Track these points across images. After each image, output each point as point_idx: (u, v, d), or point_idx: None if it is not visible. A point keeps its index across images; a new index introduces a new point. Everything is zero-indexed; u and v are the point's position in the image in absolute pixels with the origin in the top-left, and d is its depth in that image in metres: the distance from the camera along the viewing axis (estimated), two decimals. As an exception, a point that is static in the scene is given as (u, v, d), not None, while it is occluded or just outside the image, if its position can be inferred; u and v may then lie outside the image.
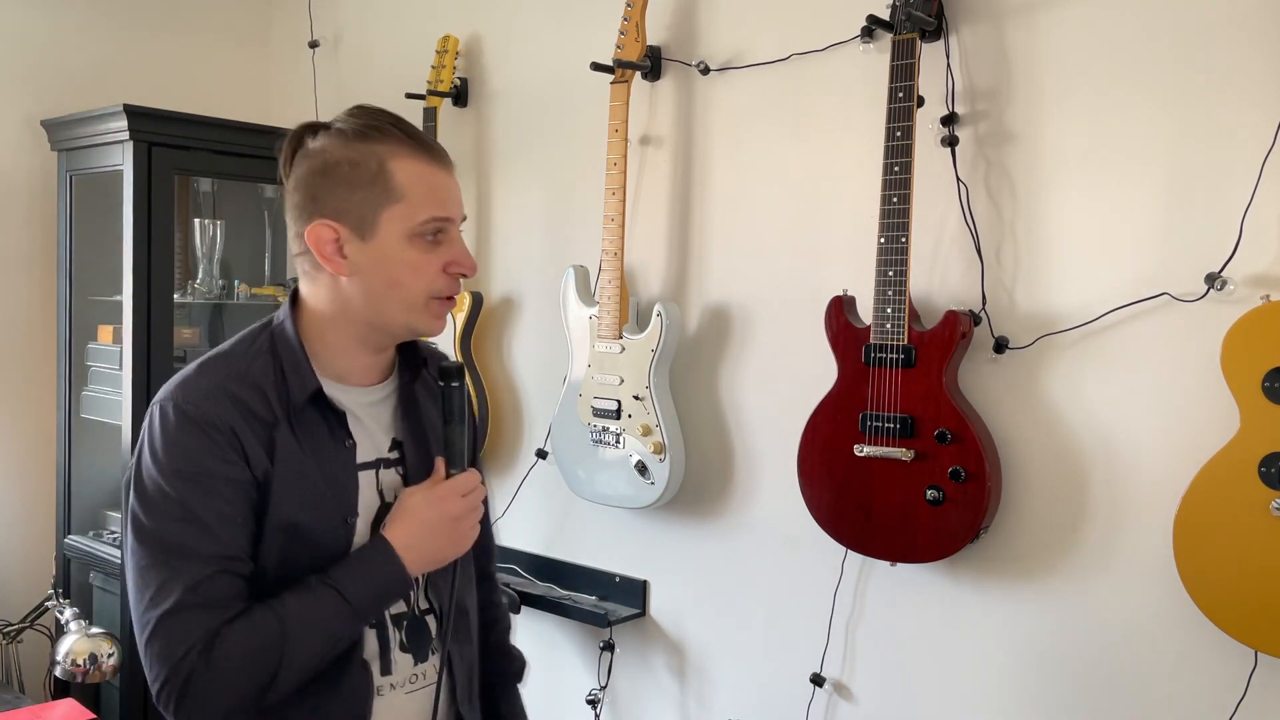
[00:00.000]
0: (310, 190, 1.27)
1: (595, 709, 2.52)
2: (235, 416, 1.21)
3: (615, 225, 2.31)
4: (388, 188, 1.25)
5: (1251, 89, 1.66)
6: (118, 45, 3.15)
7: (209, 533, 1.18)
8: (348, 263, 1.26)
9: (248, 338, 1.32)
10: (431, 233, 1.27)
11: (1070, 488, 1.86)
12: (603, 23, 2.43)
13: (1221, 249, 1.68)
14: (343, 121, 1.29)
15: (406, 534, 1.27)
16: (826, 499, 2.02)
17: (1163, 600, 1.75)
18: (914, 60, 1.85)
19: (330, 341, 1.31)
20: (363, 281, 1.27)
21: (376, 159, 1.25)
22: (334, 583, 1.22)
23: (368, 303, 1.28)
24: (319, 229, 1.25)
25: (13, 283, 3.00)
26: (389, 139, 1.27)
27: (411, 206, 1.25)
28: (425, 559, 1.29)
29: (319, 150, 1.27)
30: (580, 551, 2.61)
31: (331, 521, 1.27)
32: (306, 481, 1.25)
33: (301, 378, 1.27)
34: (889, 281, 1.89)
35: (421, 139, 1.29)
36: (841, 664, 2.16)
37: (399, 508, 1.29)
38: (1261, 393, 1.58)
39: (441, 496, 1.30)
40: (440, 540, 1.29)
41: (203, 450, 1.19)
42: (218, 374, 1.25)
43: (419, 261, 1.27)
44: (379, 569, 1.25)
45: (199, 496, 1.18)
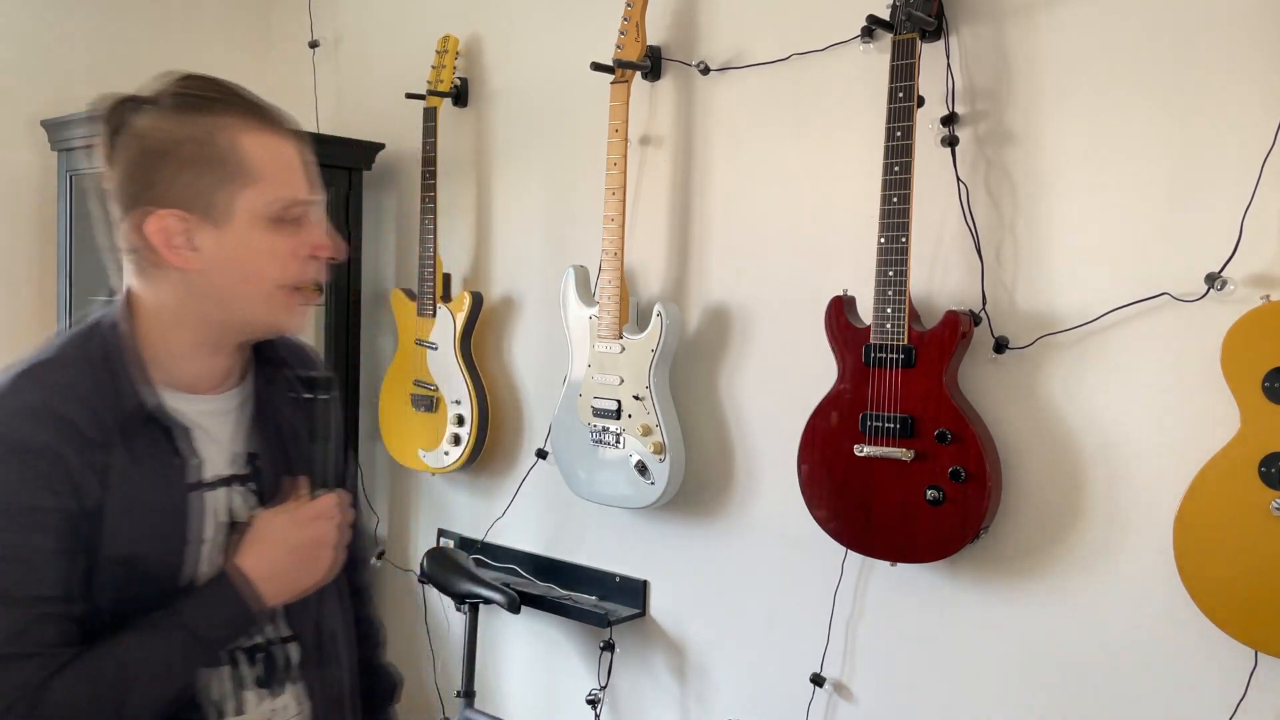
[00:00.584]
0: (145, 176, 1.10)
1: (595, 709, 2.52)
2: (60, 440, 1.05)
3: (615, 225, 2.31)
4: (240, 167, 1.10)
5: (1251, 89, 1.66)
6: (118, 45, 3.15)
7: (32, 573, 1.04)
8: (198, 255, 1.11)
9: (75, 342, 1.15)
10: (292, 216, 1.14)
11: (1070, 488, 1.86)
12: (603, 23, 2.43)
13: (1221, 249, 1.68)
14: (174, 94, 1.12)
15: (263, 562, 1.14)
16: (826, 499, 2.01)
17: (1163, 600, 1.75)
18: (914, 60, 1.85)
19: (173, 346, 1.15)
20: (215, 275, 1.12)
21: (224, 135, 1.10)
22: (183, 619, 1.09)
23: (221, 299, 1.14)
24: (163, 219, 1.10)
25: (13, 283, 3.00)
26: (233, 111, 1.12)
27: (268, 187, 1.12)
28: (284, 588, 1.16)
29: (152, 129, 1.10)
30: (580, 551, 2.61)
31: (172, 551, 1.13)
32: (143, 508, 1.10)
33: (119, 390, 1.11)
34: (889, 281, 1.89)
35: (269, 110, 1.15)
36: (841, 664, 2.16)
37: (254, 533, 1.16)
38: (1261, 393, 1.58)
39: (302, 521, 1.17)
40: (301, 568, 1.17)
41: (22, 481, 1.04)
42: (38, 389, 1.08)
43: (279, 248, 1.14)
44: (232, 602, 1.12)
45: (19, 533, 1.03)
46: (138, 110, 1.12)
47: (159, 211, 1.10)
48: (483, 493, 2.83)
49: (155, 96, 1.12)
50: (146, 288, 1.15)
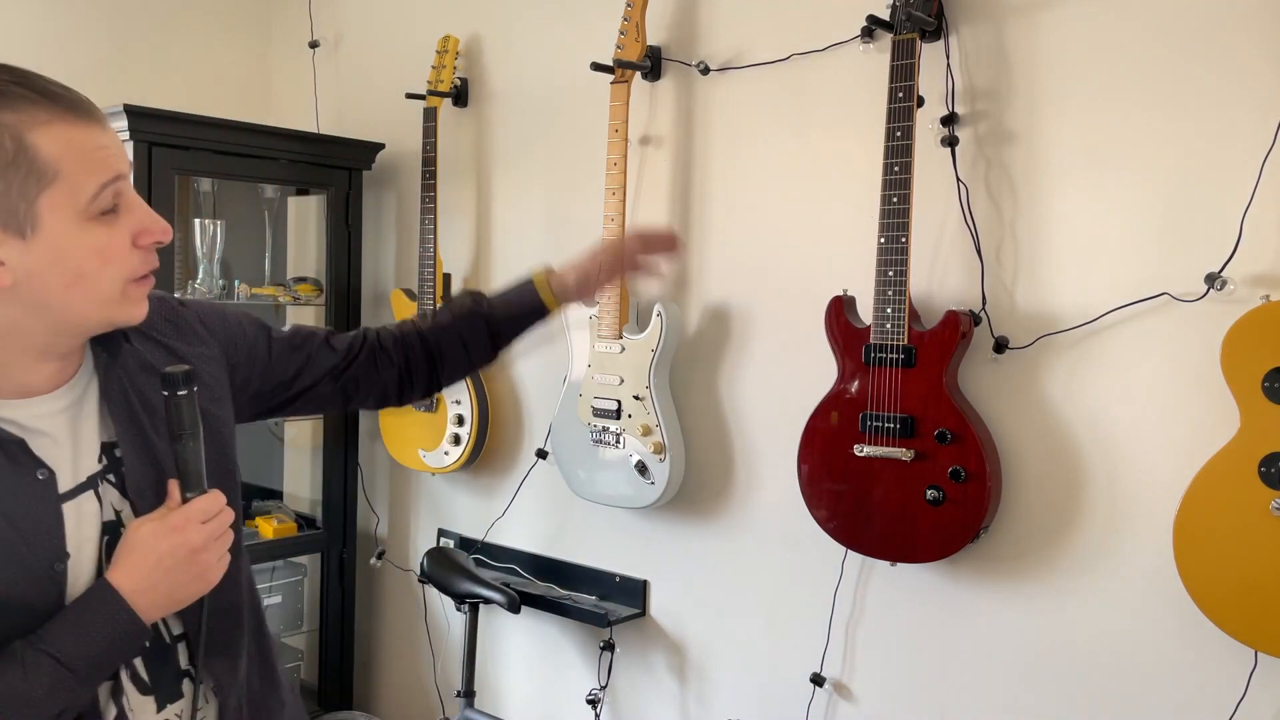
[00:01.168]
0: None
1: (595, 709, 2.52)
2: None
3: (615, 225, 2.31)
4: (35, 167, 0.98)
5: (1251, 89, 1.67)
6: (118, 45, 3.15)
7: None
8: (8, 270, 0.99)
9: None
10: (108, 205, 1.03)
11: (1070, 488, 1.86)
12: (603, 23, 2.43)
13: (1221, 249, 1.68)
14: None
15: (137, 575, 1.05)
16: (826, 499, 2.02)
17: (1163, 600, 1.75)
18: (914, 60, 1.85)
19: (3, 359, 1.05)
20: (35, 286, 1.01)
21: (9, 135, 0.97)
22: (48, 647, 1.00)
23: (48, 307, 1.02)
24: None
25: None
26: (14, 104, 0.98)
27: (73, 182, 1.00)
28: (162, 601, 1.07)
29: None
30: (580, 551, 2.61)
31: (36, 574, 1.03)
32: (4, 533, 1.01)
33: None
34: (889, 281, 1.89)
35: (53, 92, 1.01)
36: (841, 664, 2.16)
37: (125, 544, 1.06)
38: (1261, 393, 1.58)
39: (176, 526, 1.07)
40: (179, 577, 1.07)
41: None
42: None
43: (105, 243, 1.03)
44: (104, 622, 1.02)
45: None
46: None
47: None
48: (483, 493, 2.83)
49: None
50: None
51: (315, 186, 3.07)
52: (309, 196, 3.20)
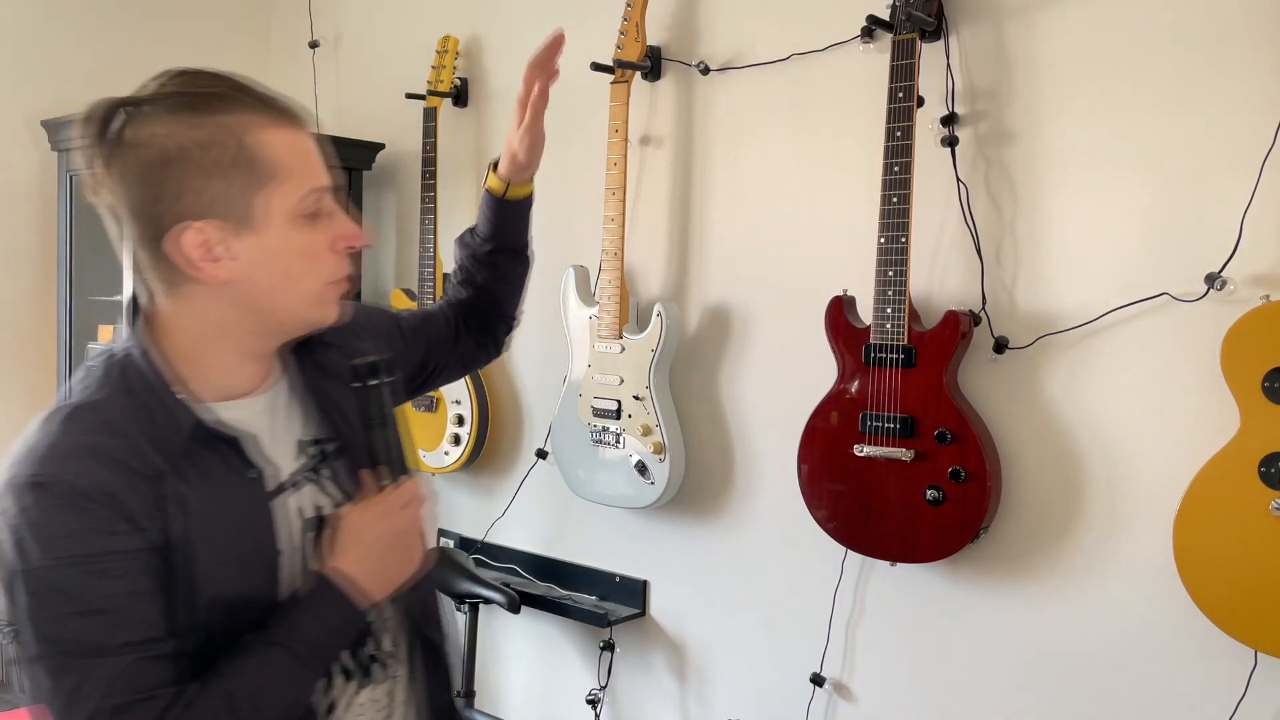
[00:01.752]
0: (153, 189, 1.02)
1: (595, 709, 2.52)
2: (109, 478, 1.00)
3: (615, 225, 2.31)
4: (254, 167, 1.04)
5: (1251, 89, 1.67)
6: (118, 45, 3.15)
7: (117, 620, 0.99)
8: (236, 264, 1.05)
9: (96, 378, 1.08)
10: (313, 209, 1.09)
11: (1070, 488, 1.86)
12: (603, 23, 2.43)
13: (1221, 249, 1.68)
14: (166, 94, 1.04)
15: (353, 562, 1.11)
16: (826, 499, 2.02)
17: (1163, 600, 1.75)
18: (914, 60, 1.85)
19: (211, 360, 1.09)
20: (256, 282, 1.06)
21: (231, 135, 1.03)
22: (279, 639, 1.05)
23: (257, 306, 1.08)
24: (184, 235, 1.02)
25: (13, 283, 3.00)
26: (235, 107, 1.05)
27: (289, 183, 1.06)
28: (383, 584, 1.13)
29: (149, 137, 1.02)
30: (580, 551, 2.61)
31: (255, 571, 1.09)
32: (229, 528, 1.06)
33: (171, 414, 1.05)
34: (889, 281, 1.89)
35: (271, 99, 1.09)
36: (841, 664, 2.16)
37: (343, 532, 1.12)
38: (1261, 393, 1.58)
39: (383, 513, 1.14)
40: (392, 561, 1.14)
41: (83, 528, 0.98)
42: (73, 430, 1.02)
43: (310, 245, 1.08)
44: (328, 610, 1.09)
45: (92, 581, 0.98)
46: (137, 115, 1.03)
47: (194, 224, 1.02)
48: (483, 493, 2.83)
49: (152, 98, 1.04)
50: (174, 305, 1.08)
51: (315, 186, 3.06)
52: (309, 196, 3.20)
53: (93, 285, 2.92)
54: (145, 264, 1.06)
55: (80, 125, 1.04)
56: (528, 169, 1.52)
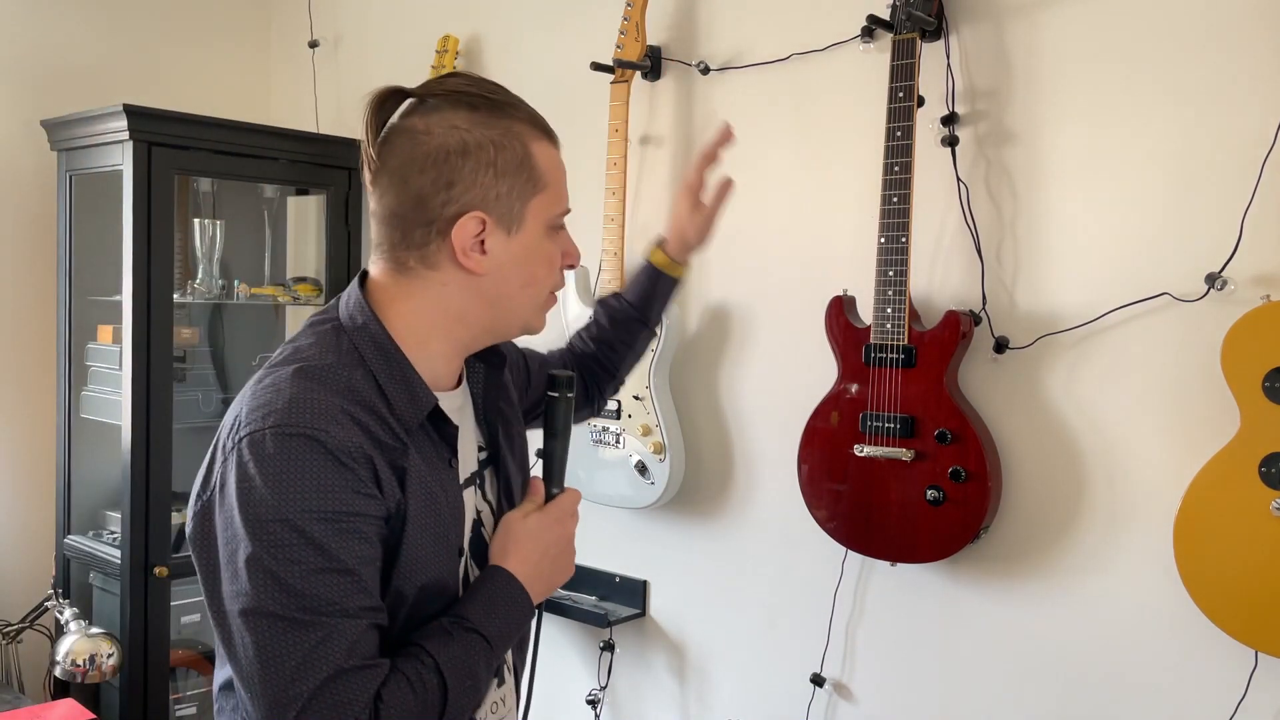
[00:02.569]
0: (448, 175, 1.08)
1: (595, 709, 2.52)
2: (365, 440, 1.02)
3: (615, 225, 2.31)
4: (533, 175, 1.12)
5: (1252, 88, 1.66)
6: (118, 45, 3.15)
7: (358, 583, 1.00)
8: (486, 260, 1.10)
9: (326, 344, 1.09)
10: (560, 224, 1.18)
11: (1070, 488, 1.86)
12: (603, 23, 2.43)
13: (1221, 249, 1.68)
14: (461, 93, 1.11)
15: (528, 562, 1.15)
16: (826, 499, 2.01)
17: (1163, 600, 1.75)
18: (914, 60, 1.85)
19: (434, 348, 1.13)
20: (499, 280, 1.12)
21: (519, 141, 1.11)
22: (475, 625, 1.08)
23: (497, 302, 1.13)
24: (466, 223, 1.08)
25: (13, 283, 3.00)
26: (521, 118, 1.13)
27: (552, 196, 1.15)
28: (545, 588, 1.18)
29: (449, 127, 1.09)
30: (580, 551, 2.58)
31: (449, 557, 1.12)
32: (436, 511, 1.09)
33: (413, 393, 1.08)
34: (889, 281, 1.89)
35: (540, 116, 1.17)
36: (841, 664, 2.16)
37: (510, 533, 1.17)
38: (1262, 393, 1.58)
39: (558, 519, 1.20)
40: (558, 566, 1.20)
41: (342, 485, 0.99)
42: (327, 391, 1.03)
43: (552, 255, 1.17)
44: (510, 605, 1.12)
45: (344, 540, 0.99)
46: (428, 105, 1.11)
47: (478, 214, 1.08)
48: (483, 493, 2.83)
49: (431, 92, 1.11)
50: (413, 289, 1.11)
51: (315, 186, 3.06)
52: (309, 196, 3.20)
53: (93, 285, 2.91)
54: (410, 243, 1.10)
55: (369, 106, 1.10)
56: (696, 250, 1.67)
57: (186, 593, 2.82)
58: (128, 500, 2.62)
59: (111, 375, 2.80)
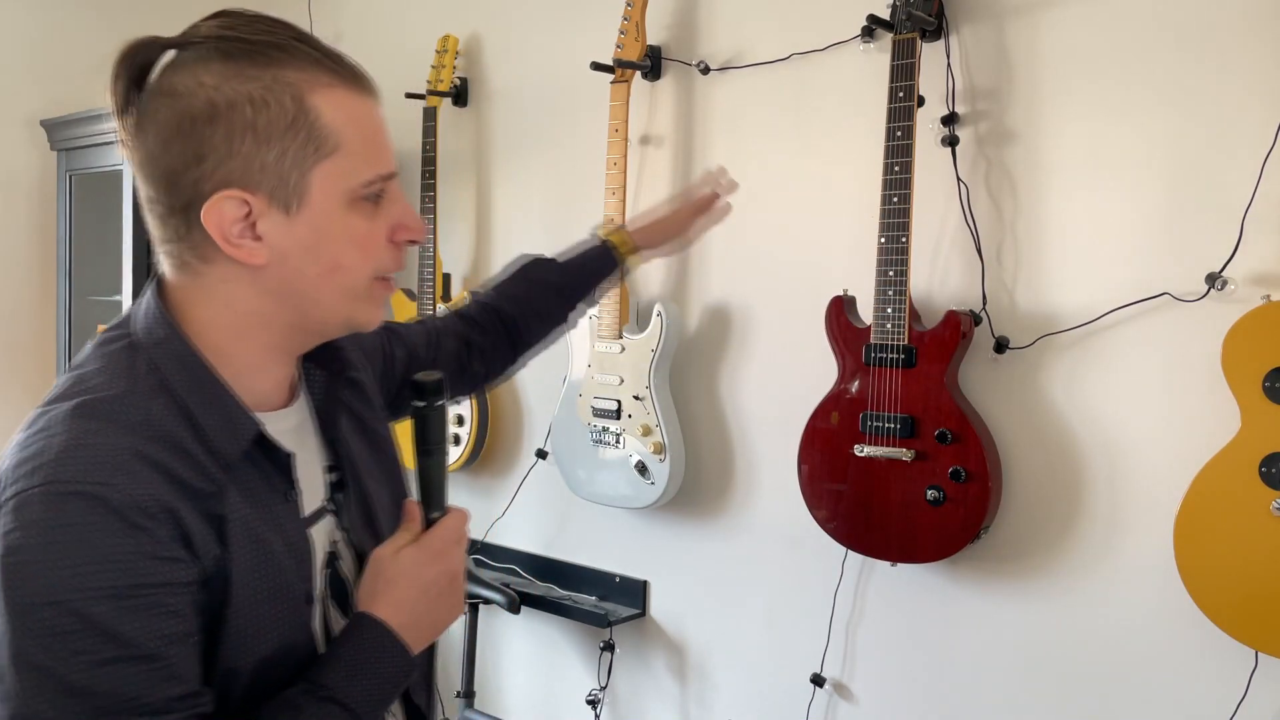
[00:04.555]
0: (194, 147, 0.85)
1: (595, 709, 2.52)
2: (166, 491, 0.81)
3: (615, 226, 2.30)
4: (314, 134, 0.87)
5: (1252, 88, 1.66)
6: (117, 45, 3.14)
7: (164, 669, 0.80)
8: (262, 247, 0.88)
9: (116, 367, 0.88)
10: (375, 193, 0.93)
11: (1071, 488, 1.86)
12: (603, 23, 2.43)
13: (1221, 249, 1.68)
14: (219, 38, 0.87)
15: (404, 608, 0.94)
16: (827, 499, 2.01)
17: (1163, 600, 1.75)
18: (914, 60, 1.85)
19: (238, 357, 0.92)
20: (288, 269, 0.89)
21: (291, 94, 0.86)
22: (333, 693, 0.89)
23: (294, 297, 0.91)
24: (224, 205, 0.86)
25: (13, 283, 3.00)
26: (298, 61, 0.87)
27: (350, 159, 0.90)
28: (426, 633, 0.97)
29: (195, 85, 0.86)
30: (580, 551, 2.61)
31: (294, 610, 0.92)
32: (269, 561, 0.89)
33: (229, 418, 0.88)
34: (889, 281, 1.89)
35: (339, 56, 0.91)
36: (841, 664, 2.16)
37: (380, 573, 0.95)
38: (1262, 393, 1.58)
39: (439, 551, 0.97)
40: (442, 608, 0.98)
41: (133, 551, 0.79)
42: (114, 430, 0.82)
43: (365, 233, 0.92)
44: (379, 661, 0.92)
45: (139, 619, 0.79)
46: (182, 59, 0.88)
47: (238, 194, 0.86)
48: (483, 493, 2.83)
49: (191, 40, 0.89)
50: (198, 288, 0.91)
51: (315, 186, 3.06)
52: (309, 196, 3.20)
53: (93, 285, 2.92)
54: (173, 235, 0.90)
55: (116, 64, 0.90)
56: (653, 254, 1.56)
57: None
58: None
59: (111, 375, 2.80)
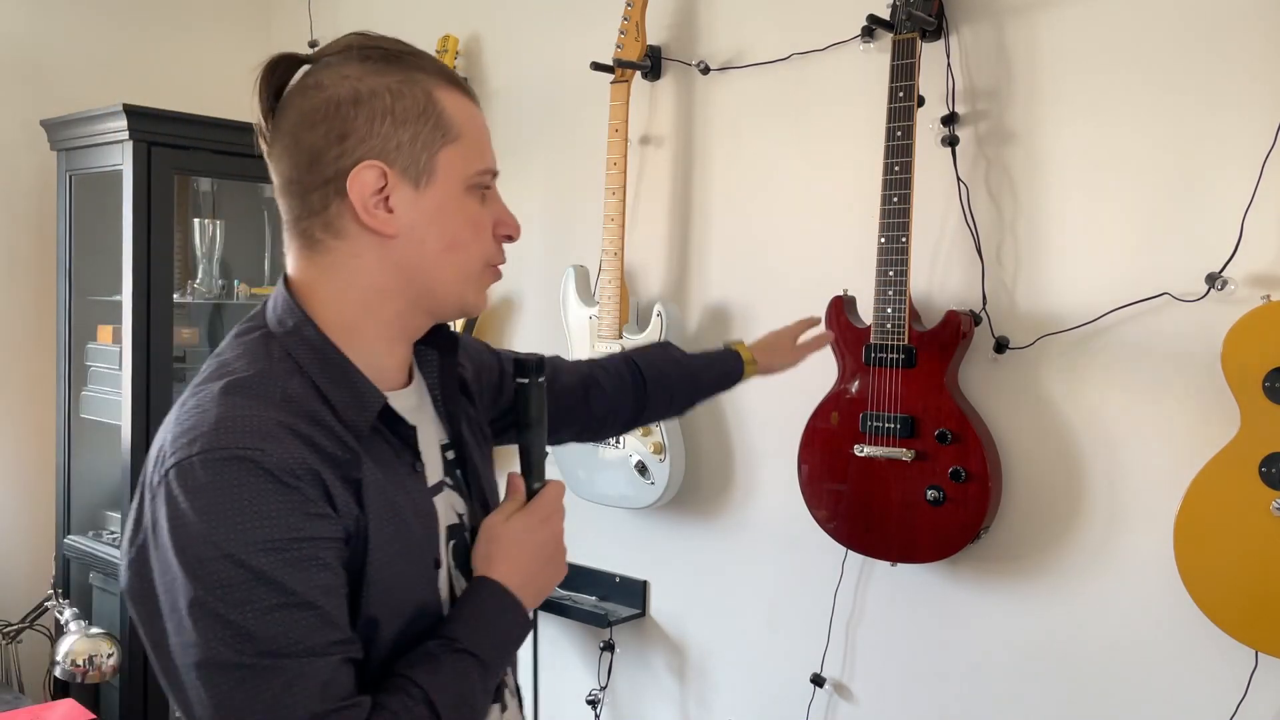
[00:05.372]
0: (340, 126, 0.96)
1: (595, 709, 2.52)
2: (310, 455, 0.91)
3: (615, 225, 2.31)
4: (440, 123, 0.99)
5: (1252, 88, 1.66)
6: (118, 45, 3.15)
7: (322, 615, 0.89)
8: (394, 219, 0.98)
9: (256, 351, 0.98)
10: (485, 184, 1.04)
11: (1071, 488, 1.86)
12: (603, 23, 2.43)
13: (1221, 249, 1.68)
14: (355, 48, 1.01)
15: (518, 570, 1.04)
16: (827, 499, 2.01)
17: (1163, 600, 1.75)
18: (914, 60, 1.85)
19: (365, 335, 1.01)
20: (413, 244, 0.99)
21: (421, 88, 0.99)
22: (466, 645, 0.97)
23: (416, 272, 1.00)
24: (365, 174, 0.96)
25: (13, 283, 3.00)
26: (424, 67, 1.02)
27: (469, 149, 1.01)
28: (536, 594, 1.06)
29: (337, 80, 0.98)
30: (580, 551, 2.61)
31: (424, 570, 1.01)
32: (401, 525, 0.98)
33: (357, 393, 0.97)
34: (889, 281, 1.89)
35: (457, 75, 1.05)
36: (841, 664, 2.16)
37: (493, 539, 1.06)
38: (1262, 393, 1.58)
39: (545, 517, 1.08)
40: (550, 569, 1.08)
41: (288, 508, 0.88)
42: (260, 405, 0.92)
43: (479, 218, 1.03)
44: (502, 618, 1.02)
45: (298, 570, 0.88)
46: (315, 66, 1.00)
47: (377, 164, 0.96)
48: (483, 493, 2.83)
49: (326, 52, 1.01)
50: (326, 267, 1.00)
51: (315, 186, 3.06)
52: (309, 196, 3.20)
53: (92, 285, 2.91)
54: (310, 211, 0.99)
55: (260, 76, 0.99)
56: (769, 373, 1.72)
57: (186, 593, 2.82)
58: (127, 500, 2.62)
59: (111, 375, 2.80)
